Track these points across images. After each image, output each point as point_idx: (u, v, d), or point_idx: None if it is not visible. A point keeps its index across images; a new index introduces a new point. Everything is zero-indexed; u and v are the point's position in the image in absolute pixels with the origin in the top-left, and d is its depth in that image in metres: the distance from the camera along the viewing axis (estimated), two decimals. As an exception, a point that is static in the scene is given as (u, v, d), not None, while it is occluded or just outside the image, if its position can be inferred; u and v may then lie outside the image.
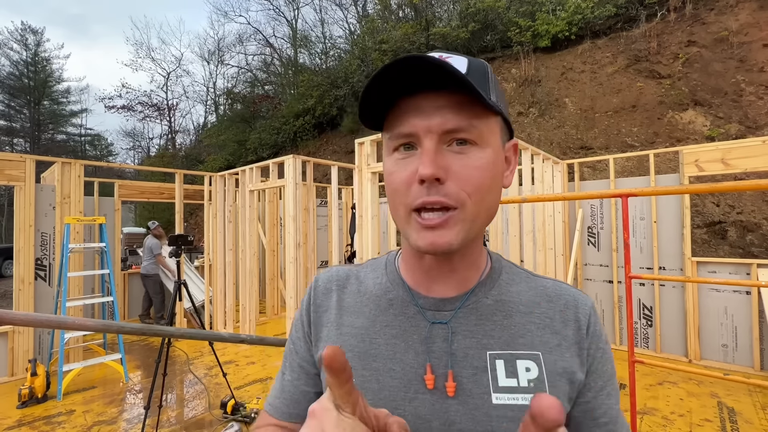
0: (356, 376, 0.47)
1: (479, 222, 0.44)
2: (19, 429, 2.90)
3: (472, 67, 0.44)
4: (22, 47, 22.30)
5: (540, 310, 0.49)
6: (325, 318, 0.53)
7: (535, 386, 0.44)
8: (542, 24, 8.44)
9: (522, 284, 0.51)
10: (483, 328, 0.47)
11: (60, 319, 0.70)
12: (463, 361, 0.45)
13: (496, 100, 0.43)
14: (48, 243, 4.14)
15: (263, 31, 19.81)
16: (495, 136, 0.44)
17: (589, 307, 0.50)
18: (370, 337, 0.49)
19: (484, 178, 0.42)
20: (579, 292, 0.52)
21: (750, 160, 3.56)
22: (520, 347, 0.46)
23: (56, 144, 23.93)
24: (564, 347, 0.46)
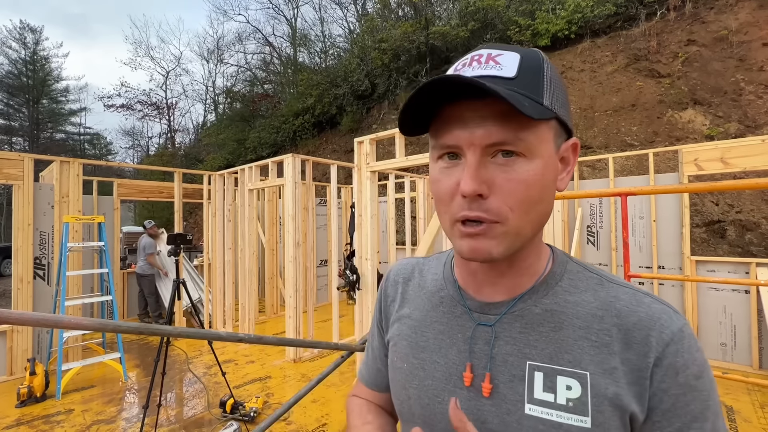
0: (407, 362, 0.52)
1: (524, 234, 0.43)
2: (17, 428, 2.90)
3: (523, 65, 0.41)
4: (20, 46, 22.24)
5: (600, 325, 0.43)
6: (392, 308, 0.60)
7: (575, 407, 0.41)
8: (542, 23, 8.43)
9: (587, 293, 0.46)
10: (527, 337, 0.45)
11: (56, 318, 0.70)
12: (501, 366, 0.45)
13: (551, 102, 0.41)
14: (47, 242, 4.14)
15: (262, 30, 19.80)
16: (546, 144, 0.41)
17: (671, 331, 0.41)
18: (421, 330, 0.53)
19: (531, 192, 0.41)
20: (665, 310, 0.43)
21: (749, 159, 3.56)
22: (564, 363, 0.43)
23: (55, 143, 23.89)
24: (621, 372, 0.41)
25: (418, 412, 0.49)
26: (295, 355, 4.18)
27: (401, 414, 0.53)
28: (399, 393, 0.53)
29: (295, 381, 3.65)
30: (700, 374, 0.41)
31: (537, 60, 0.42)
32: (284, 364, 4.10)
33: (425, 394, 0.49)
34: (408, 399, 0.51)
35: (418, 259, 0.62)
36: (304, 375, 3.80)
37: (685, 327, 0.42)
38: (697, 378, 0.41)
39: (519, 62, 0.41)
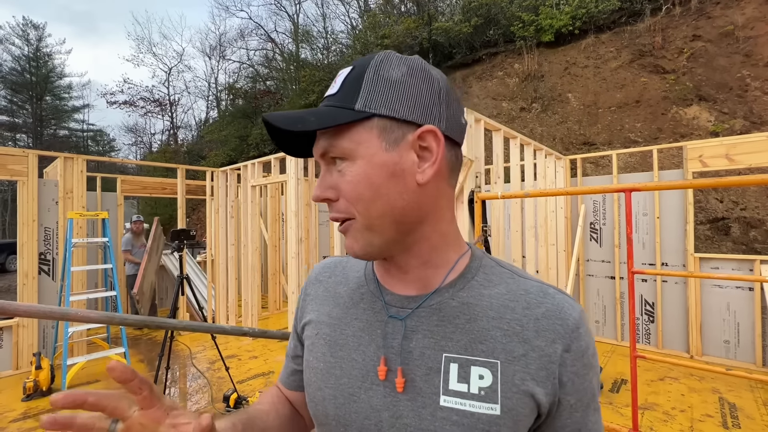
0: (324, 362, 0.52)
1: (378, 229, 0.45)
2: (24, 422, 2.93)
3: (349, 77, 0.45)
4: (23, 42, 22.28)
5: (512, 315, 0.45)
6: (311, 306, 0.59)
7: (486, 395, 0.42)
8: (545, 18, 8.37)
9: (500, 287, 0.48)
10: (443, 329, 0.46)
11: (63, 310, 0.70)
12: (418, 360, 0.46)
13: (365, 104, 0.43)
14: (51, 238, 4.16)
15: (265, 26, 19.75)
16: (366, 144, 0.43)
17: (575, 318, 0.45)
18: (340, 327, 0.53)
19: (360, 190, 0.44)
20: (567, 299, 0.47)
21: (755, 155, 3.53)
22: (478, 353, 0.44)
23: (58, 139, 23.97)
24: (531, 358, 0.43)
25: (332, 413, 0.48)
26: (297, 350, 4.20)
27: (316, 417, 0.51)
28: (314, 395, 0.51)
29: (298, 376, 3.67)
30: (594, 352, 0.47)
31: (363, 66, 0.45)
32: (287, 359, 4.12)
33: (340, 393, 0.49)
34: (323, 400, 0.50)
35: (341, 258, 0.63)
36: (307, 370, 3.82)
37: (582, 313, 0.47)
38: (593, 356, 0.46)
39: (346, 76, 0.46)
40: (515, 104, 8.49)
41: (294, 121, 0.43)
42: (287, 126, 0.43)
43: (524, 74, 8.63)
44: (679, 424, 2.72)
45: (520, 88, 8.62)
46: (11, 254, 12.03)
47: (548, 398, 0.43)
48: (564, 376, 0.44)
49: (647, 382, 3.39)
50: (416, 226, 0.47)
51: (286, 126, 0.43)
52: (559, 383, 0.43)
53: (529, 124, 7.98)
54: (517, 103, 8.44)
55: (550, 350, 0.44)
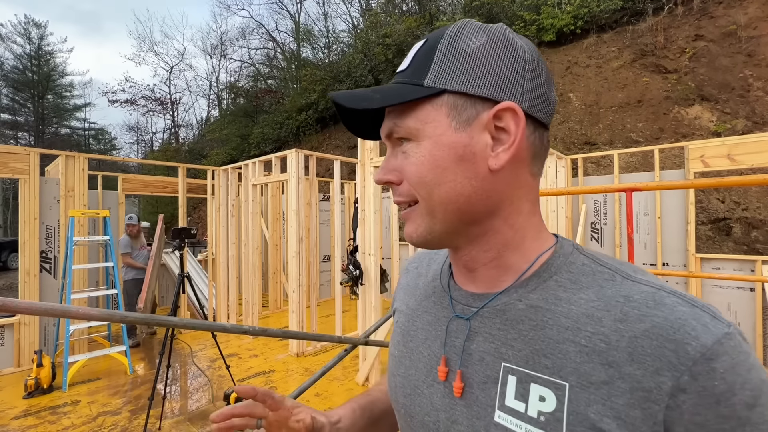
0: (398, 350, 0.53)
1: (439, 216, 0.41)
2: (25, 419, 2.94)
3: (420, 51, 0.42)
4: (25, 41, 22.33)
5: (596, 328, 0.35)
6: (398, 295, 0.61)
7: (546, 422, 0.35)
8: (547, 18, 8.35)
9: (589, 290, 0.38)
10: (505, 334, 0.40)
11: (64, 308, 0.70)
12: (477, 365, 0.42)
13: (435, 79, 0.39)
14: (53, 236, 4.18)
15: (266, 25, 19.74)
16: (433, 123, 0.39)
17: (702, 343, 0.31)
18: (413, 318, 0.53)
19: (423, 174, 0.40)
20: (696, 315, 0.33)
21: (757, 155, 3.52)
22: (541, 369, 0.37)
23: (60, 138, 24.03)
24: (617, 389, 0.33)
25: (401, 401, 0.49)
26: (298, 349, 4.21)
27: (392, 401, 0.53)
28: (390, 380, 0.53)
29: (298, 375, 3.68)
30: (755, 402, 0.30)
31: (438, 37, 0.41)
32: (287, 358, 4.12)
33: (408, 384, 0.49)
34: (395, 387, 0.51)
35: (434, 251, 0.60)
36: (307, 369, 3.82)
37: (726, 338, 0.31)
38: (750, 408, 0.30)
39: (417, 50, 0.42)
40: (516, 104, 8.48)
41: (359, 99, 0.41)
42: (351, 104, 0.41)
43: (526, 74, 8.61)
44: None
45: (521, 87, 8.61)
46: (13, 252, 12.07)
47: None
48: (678, 426, 0.31)
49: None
50: (484, 218, 0.42)
51: (350, 104, 0.41)
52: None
53: (530, 123, 7.96)
54: (518, 103, 8.43)
55: (650, 384, 0.31)
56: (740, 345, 0.32)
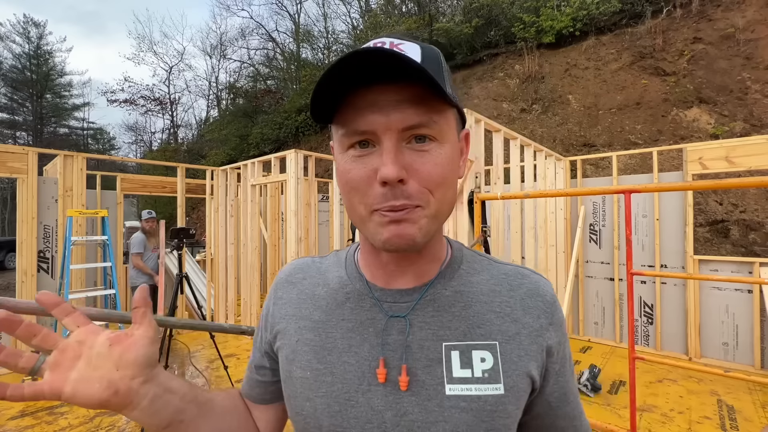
0: (311, 369, 0.47)
1: (441, 217, 0.44)
2: (22, 419, 2.93)
3: (426, 55, 0.41)
4: (24, 40, 22.30)
5: (500, 298, 0.48)
6: (283, 310, 0.53)
7: (489, 376, 0.43)
8: (546, 20, 8.37)
9: (483, 273, 0.50)
10: (440, 319, 0.46)
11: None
12: (418, 353, 0.45)
13: (452, 91, 0.42)
14: (51, 235, 4.16)
15: (266, 26, 19.76)
16: (452, 130, 0.44)
17: (551, 294, 0.50)
18: (326, 331, 0.49)
19: (445, 175, 0.42)
20: (540, 278, 0.51)
21: (755, 158, 3.54)
22: (477, 337, 0.45)
23: (59, 137, 23.99)
24: (523, 335, 0.46)
25: (327, 423, 0.44)
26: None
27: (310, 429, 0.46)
28: (302, 407, 0.47)
29: (297, 376, 3.67)
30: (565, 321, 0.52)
31: (436, 52, 0.43)
32: (286, 358, 4.11)
33: (335, 401, 0.45)
34: (314, 411, 0.46)
35: (313, 258, 0.58)
36: (306, 370, 3.81)
37: (552, 287, 0.52)
38: (564, 324, 0.51)
39: (421, 51, 0.41)
40: (516, 105, 8.49)
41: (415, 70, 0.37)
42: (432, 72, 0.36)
43: (525, 75, 8.63)
44: (678, 426, 2.72)
45: (520, 89, 8.63)
46: (10, 252, 12.02)
47: (540, 370, 0.47)
48: (551, 348, 0.48)
49: (646, 383, 3.39)
50: None
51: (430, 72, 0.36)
52: (546, 354, 0.47)
53: (529, 125, 7.98)
54: (517, 104, 8.44)
55: (536, 325, 0.47)
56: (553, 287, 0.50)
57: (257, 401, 0.57)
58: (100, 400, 0.38)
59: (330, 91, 0.40)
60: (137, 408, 0.40)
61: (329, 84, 0.39)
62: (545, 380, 0.48)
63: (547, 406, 0.49)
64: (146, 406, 0.41)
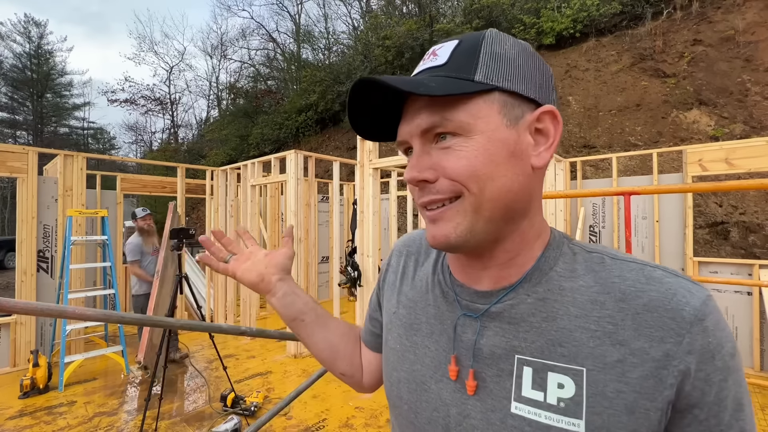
0: (400, 343, 0.52)
1: (487, 214, 0.40)
2: (20, 419, 2.93)
3: (458, 49, 0.41)
4: (25, 39, 22.30)
5: (601, 312, 0.38)
6: (391, 278, 0.59)
7: (567, 408, 0.37)
8: (547, 21, 8.38)
9: (587, 276, 0.41)
10: (516, 328, 0.42)
11: (61, 308, 0.70)
12: (489, 359, 0.43)
13: (486, 76, 0.40)
14: (50, 235, 4.16)
15: (266, 26, 19.78)
16: (485, 119, 0.40)
17: (693, 307, 0.36)
18: (416, 311, 0.52)
19: (477, 167, 0.39)
20: (683, 283, 0.38)
21: (754, 160, 3.54)
22: (557, 358, 0.39)
23: (59, 137, 23.98)
24: (629, 364, 0.36)
25: (406, 397, 0.48)
26: (296, 350, 4.20)
27: (390, 397, 0.52)
28: (390, 375, 0.52)
29: (296, 376, 3.67)
30: (734, 351, 0.36)
31: (476, 40, 0.42)
32: (285, 359, 4.11)
33: (414, 379, 0.48)
34: (398, 382, 0.50)
35: None
36: (305, 370, 3.81)
37: (708, 299, 0.37)
38: (732, 357, 0.36)
39: (454, 48, 0.42)
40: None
41: (414, 84, 0.39)
42: (406, 87, 0.38)
43: (525, 77, 8.63)
44: (677, 428, 2.72)
45: (520, 90, 8.63)
46: (10, 251, 12.02)
47: (657, 415, 0.35)
48: (686, 385, 0.35)
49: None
50: (518, 216, 0.43)
51: (408, 88, 0.38)
52: (676, 395, 0.35)
53: (529, 126, 7.98)
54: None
55: (657, 353, 0.36)
56: (716, 304, 0.37)
57: (368, 346, 0.66)
58: (253, 282, 0.63)
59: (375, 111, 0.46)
60: (274, 296, 0.62)
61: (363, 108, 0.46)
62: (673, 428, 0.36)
63: None
64: (280, 297, 0.62)
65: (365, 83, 0.41)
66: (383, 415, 2.92)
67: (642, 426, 0.35)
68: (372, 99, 0.44)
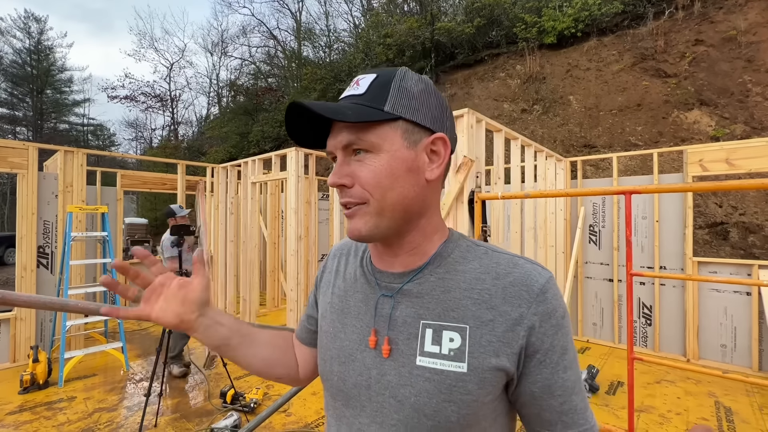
0: (333, 327, 0.62)
1: (388, 215, 0.52)
2: (20, 414, 2.93)
3: (375, 83, 0.52)
4: (24, 35, 22.22)
5: (482, 286, 0.52)
6: (326, 278, 0.69)
7: (455, 355, 0.50)
8: (548, 20, 8.36)
9: (474, 263, 0.55)
10: (422, 300, 0.54)
11: (62, 301, 0.70)
12: (401, 327, 0.54)
13: (393, 107, 0.50)
14: (50, 231, 4.16)
15: (267, 23, 19.72)
16: (391, 141, 0.51)
17: (540, 284, 0.51)
18: (346, 298, 0.62)
19: (380, 179, 0.51)
20: (535, 268, 0.53)
21: (755, 160, 3.54)
22: (450, 320, 0.51)
23: (59, 133, 23.92)
24: (498, 323, 0.50)
25: (336, 369, 0.59)
26: (295, 348, 4.20)
27: (323, 374, 0.62)
28: (324, 354, 0.62)
29: (295, 373, 3.67)
30: (563, 314, 0.51)
31: (389, 76, 0.52)
32: (284, 356, 4.11)
33: (343, 353, 0.59)
34: (330, 359, 0.60)
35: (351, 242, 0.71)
36: (304, 368, 3.81)
37: (550, 279, 0.52)
38: (562, 318, 0.51)
39: (372, 81, 0.52)
40: (516, 106, 8.49)
41: (333, 110, 0.49)
42: (328, 114, 0.48)
43: (526, 76, 8.62)
44: (675, 427, 2.73)
45: (521, 89, 8.62)
46: (10, 247, 12.01)
47: (515, 358, 0.50)
48: (532, 337, 0.49)
49: (644, 384, 3.40)
50: (416, 217, 0.55)
51: (327, 114, 0.48)
52: (526, 344, 0.49)
53: (530, 125, 7.98)
54: (518, 105, 8.44)
55: (515, 314, 0.50)
56: (555, 283, 0.53)
57: (303, 342, 0.74)
58: (172, 324, 0.59)
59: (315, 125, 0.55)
60: (197, 331, 0.61)
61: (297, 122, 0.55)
62: (525, 368, 0.50)
63: (530, 395, 0.51)
64: (203, 331, 0.61)
65: (298, 107, 0.50)
66: (382, 412, 2.92)
67: (504, 364, 0.49)
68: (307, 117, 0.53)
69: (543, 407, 0.51)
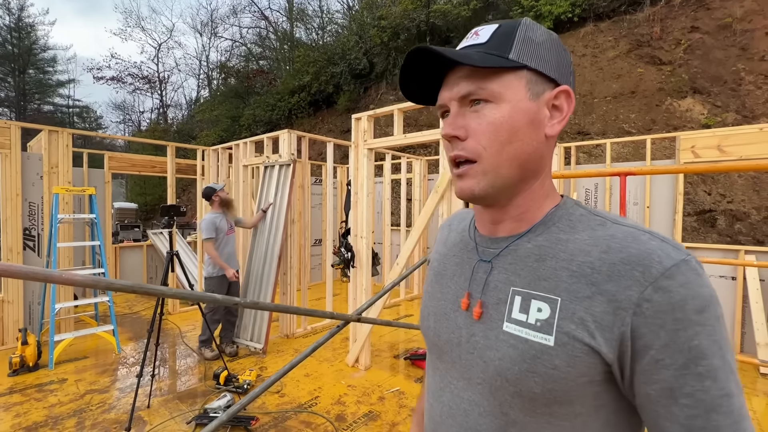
0: (431, 287, 0.65)
1: (503, 172, 0.50)
2: (10, 396, 2.91)
3: (498, 32, 0.50)
4: (4, 11, 21.33)
5: (584, 258, 0.46)
6: (436, 246, 0.72)
7: (542, 326, 0.47)
8: (545, 4, 8.25)
9: (584, 233, 0.49)
10: (515, 267, 0.52)
11: (47, 271, 0.68)
12: (492, 291, 0.54)
13: (518, 56, 0.49)
14: (36, 213, 4.07)
15: (258, 3, 19.14)
16: (514, 90, 0.49)
17: (664, 266, 0.41)
18: (444, 261, 0.65)
19: (499, 132, 0.48)
20: (664, 247, 0.43)
21: (746, 147, 3.57)
22: (540, 289, 0.49)
23: (43, 115, 23.23)
24: (598, 301, 0.44)
25: (433, 326, 0.62)
26: (288, 330, 4.22)
27: (422, 328, 0.65)
28: (424, 311, 0.66)
29: (289, 356, 3.70)
30: (703, 309, 0.40)
31: (513, 26, 0.50)
32: (277, 339, 4.14)
33: (438, 311, 0.61)
34: (428, 315, 0.64)
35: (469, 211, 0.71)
36: (297, 350, 3.85)
37: (683, 263, 0.42)
38: (698, 312, 0.40)
39: (494, 30, 0.50)
40: (512, 91, 8.44)
41: (460, 55, 0.48)
42: (456, 57, 0.47)
43: (522, 61, 8.55)
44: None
45: (517, 75, 8.56)
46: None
47: (614, 344, 0.43)
48: (642, 328, 0.41)
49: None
50: (531, 176, 0.52)
51: (454, 57, 0.47)
52: (632, 334, 0.42)
53: (524, 111, 7.95)
54: (513, 91, 8.39)
55: (621, 296, 0.42)
56: (695, 269, 0.42)
57: None
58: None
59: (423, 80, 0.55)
60: None
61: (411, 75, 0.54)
62: (637, 365, 0.42)
63: (647, 398, 0.43)
64: None
65: (421, 51, 0.49)
66: (374, 393, 2.97)
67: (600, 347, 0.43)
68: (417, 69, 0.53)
69: (661, 414, 0.42)
